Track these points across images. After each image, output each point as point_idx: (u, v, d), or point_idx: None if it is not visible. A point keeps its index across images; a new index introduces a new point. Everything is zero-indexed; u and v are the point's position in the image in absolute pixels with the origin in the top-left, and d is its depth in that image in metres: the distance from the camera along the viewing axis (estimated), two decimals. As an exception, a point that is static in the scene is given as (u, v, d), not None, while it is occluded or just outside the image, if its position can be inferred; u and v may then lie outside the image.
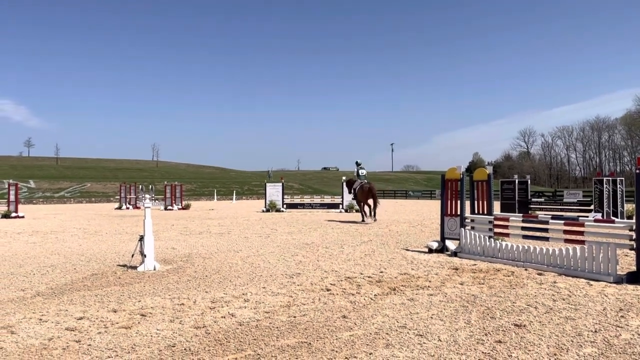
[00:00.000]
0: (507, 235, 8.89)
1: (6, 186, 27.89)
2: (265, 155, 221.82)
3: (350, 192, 20.39)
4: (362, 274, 7.32)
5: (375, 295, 5.85)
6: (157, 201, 36.25)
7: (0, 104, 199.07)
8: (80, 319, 4.88)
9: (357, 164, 20.08)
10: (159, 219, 20.88)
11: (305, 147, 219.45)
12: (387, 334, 4.30)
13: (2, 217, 23.14)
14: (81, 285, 6.64)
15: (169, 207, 32.45)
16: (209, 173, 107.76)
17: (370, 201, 18.58)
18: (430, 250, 9.61)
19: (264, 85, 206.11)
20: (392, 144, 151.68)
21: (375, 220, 18.34)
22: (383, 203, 28.07)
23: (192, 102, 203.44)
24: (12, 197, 24.04)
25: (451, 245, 9.62)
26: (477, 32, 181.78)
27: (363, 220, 18.49)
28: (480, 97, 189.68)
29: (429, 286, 6.35)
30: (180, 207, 32.81)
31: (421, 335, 4.23)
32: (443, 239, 9.89)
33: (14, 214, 23.31)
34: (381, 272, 7.46)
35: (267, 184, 29.84)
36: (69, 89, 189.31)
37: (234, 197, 57.20)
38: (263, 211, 27.55)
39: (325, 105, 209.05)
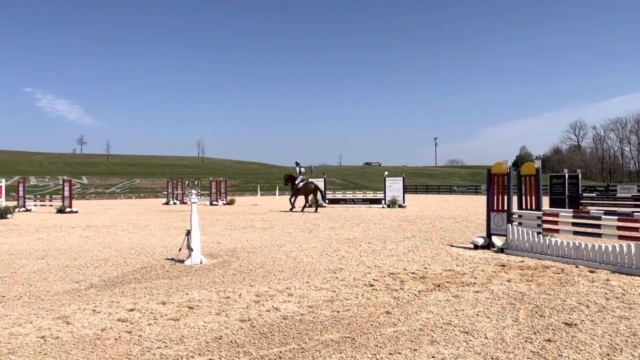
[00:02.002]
0: (556, 231, 8.61)
1: (61, 182, 29.18)
2: (307, 151, 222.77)
3: (286, 184, 24.73)
4: (405, 269, 7.26)
5: (419, 291, 5.79)
6: (202, 197, 37.03)
7: (56, 104, 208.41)
8: (131, 310, 5.05)
9: (297, 164, 25.07)
10: (205, 214, 21.34)
11: (346, 143, 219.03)
12: (432, 330, 4.25)
13: (57, 212, 24.23)
14: (132, 277, 6.87)
15: (214, 203, 33.09)
16: (252, 169, 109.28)
17: (311, 197, 23.46)
18: (476, 247, 9.43)
19: (306, 82, 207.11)
20: (435, 139, 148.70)
21: (316, 210, 22.69)
22: (426, 198, 27.69)
23: (237, 99, 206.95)
24: (66, 193, 25.11)
25: (498, 241, 9.40)
26: (525, 21, 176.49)
27: (292, 209, 23.39)
28: (528, 89, 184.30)
29: (474, 283, 6.23)
30: (225, 202, 33.41)
31: (467, 333, 4.16)
32: (489, 235, 9.67)
33: (68, 209, 24.35)
34: (425, 268, 7.38)
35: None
36: (119, 88, 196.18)
37: (277, 192, 57.76)
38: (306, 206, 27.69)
39: (367, 100, 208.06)
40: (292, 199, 23.98)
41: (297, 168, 24.40)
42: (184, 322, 4.58)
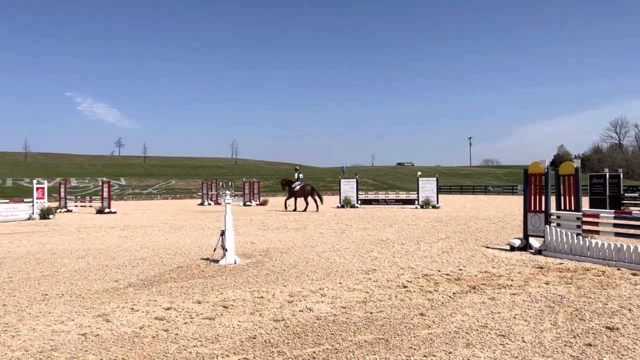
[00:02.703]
0: (597, 232, 8.35)
1: (100, 184, 30.05)
2: (339, 152, 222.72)
3: (284, 188, 26.70)
4: (439, 271, 7.17)
5: (454, 293, 5.72)
6: (236, 197, 37.47)
7: (95, 107, 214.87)
8: (168, 309, 5.16)
9: (296, 169, 27.20)
10: (239, 215, 21.59)
11: (379, 143, 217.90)
12: (467, 333, 4.19)
13: (96, 213, 24.95)
14: (168, 277, 7.01)
15: (248, 203, 33.44)
16: (284, 170, 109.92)
17: (309, 199, 24.88)
18: (513, 248, 9.23)
19: (337, 83, 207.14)
20: (469, 138, 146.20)
21: (317, 210, 24.24)
22: (460, 198, 27.26)
23: (269, 101, 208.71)
24: (105, 194, 25.82)
25: (535, 242, 9.19)
26: (563, 19, 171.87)
27: (286, 208, 26.02)
28: (567, 87, 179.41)
29: (511, 285, 6.11)
30: (258, 203, 33.72)
31: (503, 336, 4.08)
32: (526, 236, 9.46)
33: (107, 210, 25.03)
34: (460, 269, 7.27)
35: (341, 180, 29.92)
36: (154, 91, 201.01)
37: (309, 193, 57.90)
38: (338, 207, 27.69)
39: (399, 100, 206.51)
40: (288, 201, 26.82)
41: (296, 174, 26.50)
42: (219, 321, 4.65)
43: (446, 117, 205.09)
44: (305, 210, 24.69)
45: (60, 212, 26.55)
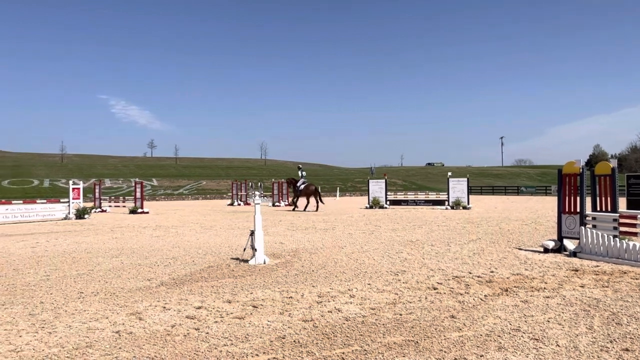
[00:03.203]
0: (634, 234, 8.09)
1: (133, 184, 30.69)
2: (368, 152, 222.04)
3: (289, 187, 28.19)
4: (470, 273, 7.06)
5: (485, 295, 5.62)
6: (265, 198, 37.73)
7: (129, 110, 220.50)
8: (199, 308, 5.23)
9: (299, 168, 28.45)
10: (268, 215, 21.74)
11: (408, 143, 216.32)
12: (499, 336, 4.11)
13: (130, 213, 25.49)
14: (199, 276, 7.11)
15: (277, 204, 33.65)
16: (313, 170, 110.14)
17: (312, 198, 25.96)
18: (546, 250, 9.03)
19: (366, 83, 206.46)
20: (501, 138, 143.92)
21: (317, 210, 25.19)
22: (491, 199, 26.80)
23: (297, 102, 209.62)
24: (138, 194, 26.37)
25: (570, 244, 8.96)
26: (597, 17, 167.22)
27: (294, 209, 26.40)
28: (602, 85, 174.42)
29: (545, 288, 5.97)
30: (287, 203, 33.87)
31: (537, 340, 4.00)
32: (560, 238, 9.24)
33: (139, 210, 25.55)
34: (492, 272, 7.15)
35: (370, 180, 29.81)
36: (186, 94, 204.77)
37: (338, 193, 57.92)
38: (366, 208, 27.60)
39: (429, 99, 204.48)
40: (294, 200, 27.43)
41: (300, 172, 27.38)
42: (248, 321, 4.69)
43: (477, 116, 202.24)
44: (305, 209, 25.68)
45: (95, 212, 27.22)
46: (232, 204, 37.44)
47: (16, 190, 57.45)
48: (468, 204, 25.74)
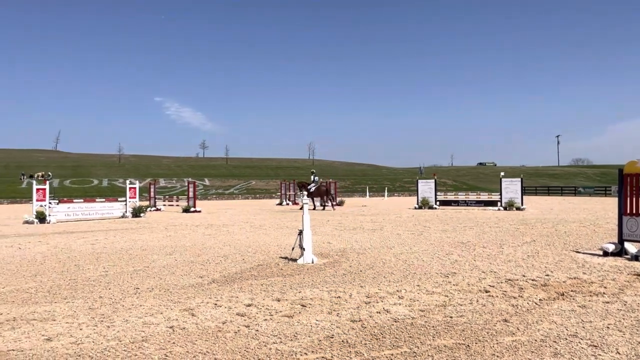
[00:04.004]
0: None
1: (186, 184, 31.62)
2: (417, 152, 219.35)
3: (300, 191, 29.46)
4: (524, 276, 6.84)
5: (540, 299, 5.43)
6: (313, 198, 37.87)
7: (182, 112, 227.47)
8: (249, 305, 5.32)
9: (312, 172, 30.25)
10: (316, 215, 21.84)
11: (458, 142, 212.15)
12: (555, 342, 3.96)
13: (183, 211, 26.24)
14: (249, 274, 7.23)
15: (325, 204, 33.72)
16: (361, 170, 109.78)
17: (325, 197, 28.31)
18: (606, 253, 8.62)
19: (415, 82, 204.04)
20: (557, 136, 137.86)
21: (323, 209, 27.61)
22: (547, 200, 25.87)
23: (345, 101, 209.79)
24: (190, 194, 27.10)
25: (631, 248, 8.52)
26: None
27: (314, 208, 27.48)
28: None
29: (604, 293, 5.71)
30: (335, 203, 33.91)
31: (595, 346, 3.82)
32: (621, 240, 8.80)
33: (192, 209, 26.25)
34: (547, 275, 6.90)
35: (419, 180, 29.42)
36: (237, 96, 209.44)
37: (386, 193, 57.47)
38: (415, 208, 27.25)
39: (480, 97, 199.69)
40: (312, 201, 29.10)
41: (312, 176, 29.58)
42: (297, 320, 4.73)
43: (532, 114, 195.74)
44: (315, 208, 27.67)
45: (150, 210, 28.17)
46: (280, 204, 37.82)
47: (77, 190, 60.33)
48: (522, 204, 24.95)
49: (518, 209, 24.52)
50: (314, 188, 28.06)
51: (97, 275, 7.26)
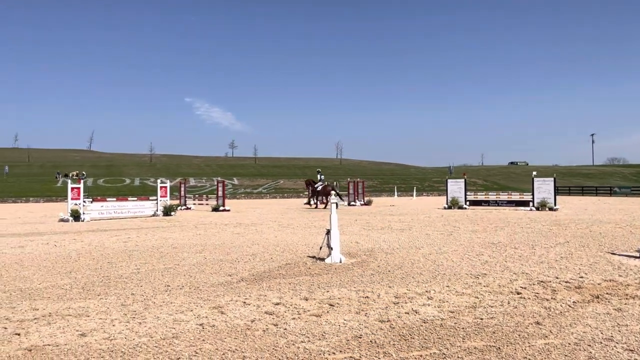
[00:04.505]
0: None
1: (215, 183, 31.99)
2: (447, 151, 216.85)
3: (307, 188, 30.86)
4: (557, 278, 6.68)
5: (574, 302, 5.30)
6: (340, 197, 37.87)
7: (212, 111, 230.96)
8: (277, 304, 5.34)
9: (318, 172, 31.29)
10: (343, 214, 21.81)
11: (489, 141, 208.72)
12: (590, 345, 3.86)
13: (212, 210, 26.57)
14: (277, 273, 7.27)
15: (352, 203, 33.66)
16: (389, 170, 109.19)
17: (329, 197, 27.34)
18: (643, 255, 8.35)
19: (443, 80, 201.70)
20: (592, 135, 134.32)
21: (325, 207, 28.31)
22: (581, 200, 25.23)
23: (373, 100, 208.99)
24: (220, 193, 27.42)
25: (671, 250, 8.23)
26: None
27: (316, 207, 28.82)
28: None
29: (641, 296, 5.53)
30: (362, 202, 33.80)
31: (632, 351, 3.71)
32: (659, 242, 8.51)
33: (221, 208, 26.55)
34: (581, 277, 6.72)
35: (448, 180, 29.07)
36: (265, 96, 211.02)
37: (414, 193, 57.00)
38: (444, 208, 26.93)
39: (511, 95, 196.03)
40: (312, 199, 30.69)
41: (319, 175, 30.53)
42: (325, 319, 4.73)
43: (565, 111, 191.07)
44: (325, 206, 28.58)
45: (181, 209, 28.60)
46: (308, 203, 37.92)
47: (110, 189, 61.74)
48: (555, 205, 24.39)
49: (551, 209, 23.99)
50: (320, 187, 29.20)
51: (129, 273, 7.42)
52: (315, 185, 29.38)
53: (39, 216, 24.05)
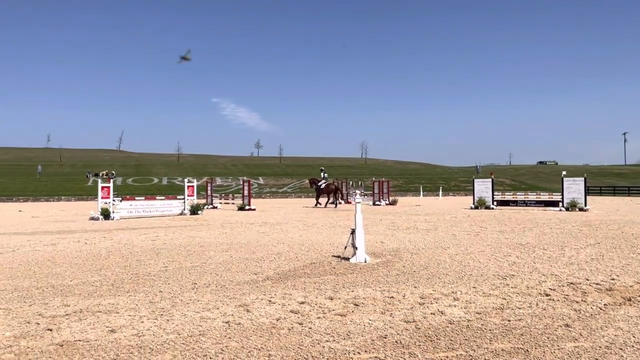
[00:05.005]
0: None
1: (241, 182, 32.27)
2: (473, 151, 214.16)
3: (311, 186, 31.70)
4: (588, 280, 6.54)
5: (604, 304, 5.17)
6: (365, 196, 37.77)
7: (238, 112, 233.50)
8: (302, 303, 5.36)
9: (321, 170, 32.37)
10: (368, 214, 21.74)
11: (517, 140, 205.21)
12: (621, 349, 3.76)
13: (238, 210, 26.79)
14: (302, 272, 7.30)
15: (377, 203, 33.53)
16: (414, 169, 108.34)
17: (332, 196, 29.96)
18: (678, 258, 8.10)
19: (472, 77, 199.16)
20: (624, 134, 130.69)
21: (335, 207, 29.10)
22: (612, 201, 24.57)
23: (398, 100, 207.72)
24: (245, 192, 27.63)
25: None
26: None
27: (317, 206, 30.07)
28: None
29: (677, 300, 5.36)
30: (387, 202, 33.65)
31: (667, 357, 3.60)
32: (696, 244, 8.24)
33: (247, 207, 26.76)
34: (612, 279, 6.56)
35: (475, 179, 28.70)
36: (290, 96, 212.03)
37: (440, 193, 56.44)
38: (471, 208, 26.59)
39: (540, 94, 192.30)
40: (319, 198, 31.20)
41: (322, 174, 31.36)
42: (350, 318, 4.72)
43: (596, 110, 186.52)
44: (326, 205, 29.91)
45: (207, 208, 28.92)
46: (333, 202, 37.88)
47: (138, 188, 62.87)
48: (585, 205, 23.84)
49: (581, 209, 23.46)
50: (324, 185, 30.05)
51: (157, 270, 7.54)
52: (319, 184, 30.26)
53: (71, 214, 24.66)
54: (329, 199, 30.23)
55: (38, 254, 9.43)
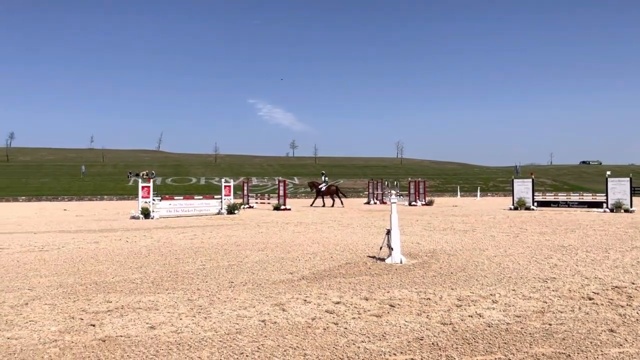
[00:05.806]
0: None
1: (277, 182, 32.56)
2: (513, 150, 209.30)
3: (311, 190, 33.96)
4: (633, 283, 6.29)
5: (652, 310, 4.97)
6: (401, 197, 37.47)
7: (274, 112, 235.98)
8: (337, 303, 5.36)
9: (322, 173, 35.80)
10: (404, 214, 21.55)
11: (559, 139, 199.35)
12: (671, 358, 3.60)
13: (273, 209, 27.02)
14: (337, 272, 7.29)
15: (413, 203, 33.21)
16: (451, 169, 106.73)
17: (335, 197, 32.12)
18: None
19: (512, 76, 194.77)
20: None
21: (343, 206, 31.42)
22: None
23: (434, 99, 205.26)
24: (281, 192, 27.86)
25: None
26: None
27: (324, 206, 31.86)
28: None
29: None
30: (423, 202, 33.30)
31: None
32: None
33: (282, 207, 26.96)
34: (660, 283, 6.29)
35: (514, 179, 28.05)
36: (325, 96, 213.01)
37: (478, 193, 55.41)
38: (510, 209, 26.01)
39: (583, 92, 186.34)
40: (315, 199, 33.66)
41: (322, 177, 34.33)
42: (385, 320, 4.69)
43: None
44: (333, 205, 31.58)
45: (244, 208, 29.27)
46: (368, 203, 37.76)
47: (177, 188, 64.21)
48: (631, 206, 22.96)
49: (627, 211, 22.61)
50: (324, 187, 32.53)
51: (195, 269, 7.68)
52: (320, 186, 32.51)
53: (112, 213, 25.41)
54: (333, 201, 32.29)
55: (82, 252, 9.75)
